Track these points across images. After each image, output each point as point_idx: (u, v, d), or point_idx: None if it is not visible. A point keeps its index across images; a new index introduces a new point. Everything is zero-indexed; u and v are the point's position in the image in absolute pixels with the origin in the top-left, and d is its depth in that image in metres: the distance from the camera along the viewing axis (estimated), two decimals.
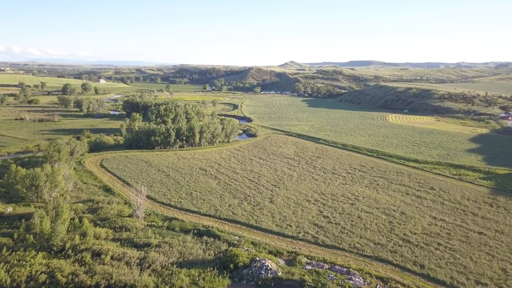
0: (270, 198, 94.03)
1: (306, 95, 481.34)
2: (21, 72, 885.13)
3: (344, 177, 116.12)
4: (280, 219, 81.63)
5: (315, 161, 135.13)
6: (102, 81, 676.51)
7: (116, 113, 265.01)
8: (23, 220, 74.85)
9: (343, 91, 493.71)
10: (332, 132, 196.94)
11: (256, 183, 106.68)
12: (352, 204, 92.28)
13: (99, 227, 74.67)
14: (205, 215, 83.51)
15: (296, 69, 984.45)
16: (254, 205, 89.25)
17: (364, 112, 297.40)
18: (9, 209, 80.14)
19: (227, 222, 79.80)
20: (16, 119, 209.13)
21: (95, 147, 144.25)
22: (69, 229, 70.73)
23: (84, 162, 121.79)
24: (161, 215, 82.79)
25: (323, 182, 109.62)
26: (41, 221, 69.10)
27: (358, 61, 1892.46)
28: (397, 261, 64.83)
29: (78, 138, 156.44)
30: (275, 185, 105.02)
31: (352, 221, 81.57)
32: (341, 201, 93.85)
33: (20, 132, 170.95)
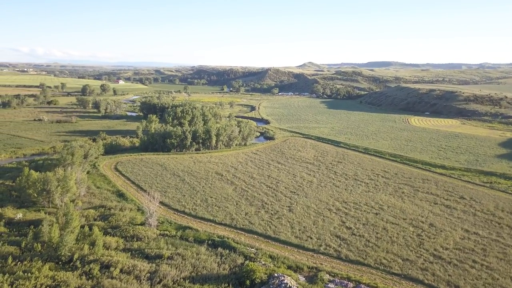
0: (289, 207, 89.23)
1: (325, 96, 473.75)
2: (44, 73, 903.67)
3: (367, 183, 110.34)
4: (299, 230, 76.78)
5: (335, 166, 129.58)
6: (121, 82, 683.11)
7: (134, 114, 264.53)
8: (32, 226, 72.30)
9: (362, 92, 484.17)
10: (352, 135, 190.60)
11: (274, 189, 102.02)
12: (376, 214, 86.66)
13: (110, 235, 71.33)
14: (220, 224, 79.33)
15: (315, 70, 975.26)
16: (272, 213, 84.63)
17: (385, 115, 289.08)
18: (19, 215, 77.65)
19: (243, 232, 75.38)
20: (34, 120, 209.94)
21: (111, 150, 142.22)
22: (79, 237, 67.65)
23: (98, 165, 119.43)
24: (175, 223, 79.01)
25: (345, 189, 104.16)
26: (49, 229, 66.35)
27: (377, 62, 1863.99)
28: (429, 280, 59.17)
29: (94, 140, 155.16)
30: (294, 192, 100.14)
31: (377, 233, 76.07)
32: (364, 211, 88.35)
33: (38, 133, 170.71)
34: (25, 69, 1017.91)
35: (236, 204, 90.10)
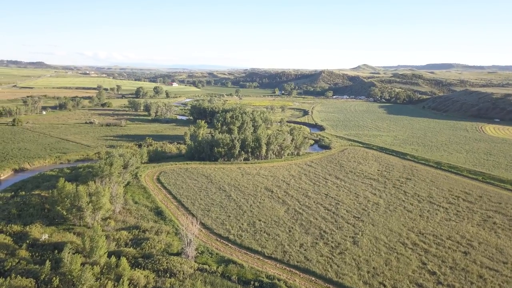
0: (353, 238, 73.80)
1: (384, 100, 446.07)
2: (104, 75, 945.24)
3: (446, 209, 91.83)
4: (368, 272, 61.27)
5: (404, 184, 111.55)
6: (175, 84, 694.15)
7: (184, 118, 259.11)
8: (56, 251, 63.15)
9: (424, 96, 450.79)
10: (420, 146, 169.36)
11: (333, 213, 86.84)
12: (465, 253, 68.92)
13: (140, 268, 60.30)
14: (270, 258, 65.76)
15: (370, 73, 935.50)
16: (332, 247, 69.71)
17: (454, 122, 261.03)
18: (45, 236, 69.08)
19: (297, 272, 61.29)
20: (85, 122, 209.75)
21: (155, 157, 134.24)
22: (103, 270, 57.33)
23: (140, 175, 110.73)
24: (216, 254, 66.61)
25: (420, 216, 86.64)
26: (71, 258, 56.54)
27: (437, 64, 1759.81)
28: None
29: (139, 146, 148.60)
30: (358, 217, 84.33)
31: (471, 283, 58.74)
32: (448, 247, 70.86)
33: (85, 137, 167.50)
34: (87, 72, 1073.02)
35: (289, 231, 76.20)
